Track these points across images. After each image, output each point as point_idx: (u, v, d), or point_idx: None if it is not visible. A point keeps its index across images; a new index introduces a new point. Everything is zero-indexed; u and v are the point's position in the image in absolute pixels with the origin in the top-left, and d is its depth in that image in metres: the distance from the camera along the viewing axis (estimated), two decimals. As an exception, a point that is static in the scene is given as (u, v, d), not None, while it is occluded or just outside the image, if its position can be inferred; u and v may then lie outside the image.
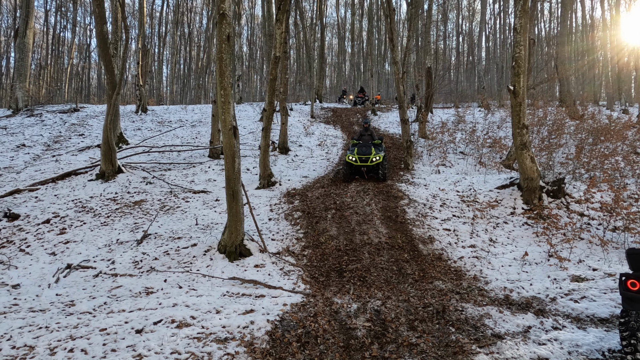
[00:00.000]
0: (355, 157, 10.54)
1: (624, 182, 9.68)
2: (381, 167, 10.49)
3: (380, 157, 10.51)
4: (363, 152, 10.55)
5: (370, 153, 10.53)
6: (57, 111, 19.57)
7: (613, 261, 6.39)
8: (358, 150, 10.65)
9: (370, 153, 10.52)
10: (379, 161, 10.49)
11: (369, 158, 10.49)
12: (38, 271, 6.61)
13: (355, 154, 10.59)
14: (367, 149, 10.63)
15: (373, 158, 10.46)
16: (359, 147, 10.77)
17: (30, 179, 11.25)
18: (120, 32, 14.14)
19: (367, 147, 10.69)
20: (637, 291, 3.55)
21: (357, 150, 10.66)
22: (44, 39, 36.70)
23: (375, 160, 10.45)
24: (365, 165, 10.46)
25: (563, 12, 23.54)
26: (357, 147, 10.81)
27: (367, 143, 10.99)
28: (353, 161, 10.56)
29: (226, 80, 6.33)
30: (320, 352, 4.06)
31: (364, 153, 10.54)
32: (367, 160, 10.49)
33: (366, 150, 10.59)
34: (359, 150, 10.62)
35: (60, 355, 3.91)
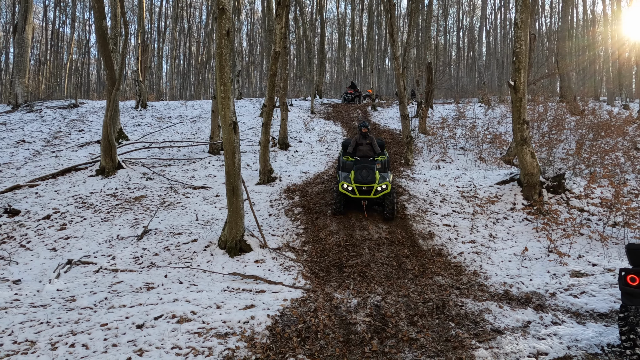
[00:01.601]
0: (353, 186, 7.81)
1: (624, 178, 9.67)
2: (388, 200, 7.78)
3: (388, 185, 7.79)
4: (364, 178, 7.86)
5: (373, 180, 7.82)
6: (57, 107, 19.53)
7: (613, 256, 6.40)
8: (357, 174, 7.92)
9: (374, 180, 7.82)
10: (386, 191, 7.77)
11: (372, 188, 7.81)
12: (39, 267, 6.62)
13: (352, 182, 7.88)
14: (370, 173, 7.90)
15: (378, 187, 7.77)
16: (358, 169, 8.02)
17: (31, 175, 11.25)
18: (120, 27, 14.09)
19: (369, 170, 7.95)
20: (636, 286, 3.56)
21: (356, 175, 7.92)
22: (43, 35, 36.58)
23: (381, 190, 7.78)
24: (367, 197, 7.88)
25: (564, 7, 23.44)
26: (355, 169, 8.04)
27: (367, 161, 8.34)
28: (349, 192, 7.84)
29: (226, 75, 6.31)
30: (320, 347, 4.08)
31: (366, 180, 7.85)
32: (370, 191, 7.81)
33: (368, 176, 7.88)
34: (358, 176, 7.90)
35: (61, 350, 3.93)
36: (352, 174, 7.98)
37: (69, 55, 35.62)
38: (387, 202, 7.77)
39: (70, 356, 3.83)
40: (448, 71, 33.10)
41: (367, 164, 8.09)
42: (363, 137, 8.83)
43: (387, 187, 7.80)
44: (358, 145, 8.84)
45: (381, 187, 7.79)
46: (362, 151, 8.74)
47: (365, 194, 7.82)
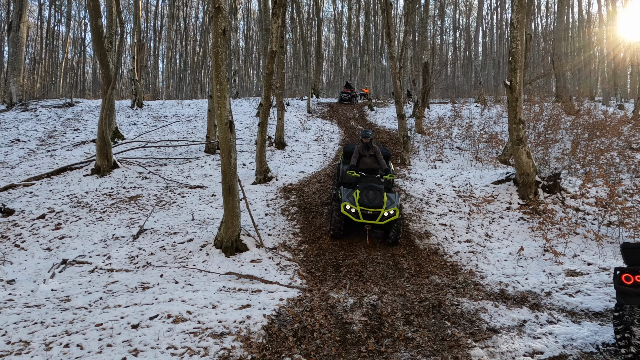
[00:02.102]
0: (357, 209, 6.79)
1: (619, 177, 9.73)
2: (394, 227, 6.92)
3: (397, 210, 6.85)
4: (370, 201, 6.82)
5: (381, 204, 6.82)
6: (52, 106, 19.42)
7: (608, 256, 6.43)
8: (362, 196, 6.88)
9: (381, 204, 6.82)
10: (394, 217, 6.84)
11: (378, 213, 6.80)
12: (33, 266, 6.58)
13: (356, 204, 6.84)
14: (377, 196, 6.88)
15: (385, 213, 6.77)
16: (364, 189, 6.95)
17: (25, 174, 11.18)
18: (115, 26, 14.02)
19: (377, 192, 6.92)
20: (631, 285, 3.58)
21: (361, 196, 6.89)
22: (38, 33, 36.34)
23: (388, 216, 6.80)
24: (371, 223, 6.88)
25: (560, 7, 23.56)
26: (361, 189, 6.98)
27: (374, 179, 7.21)
28: (353, 214, 6.83)
29: (222, 74, 6.29)
30: (316, 347, 4.07)
31: (372, 203, 6.82)
32: (376, 216, 6.81)
33: (375, 199, 6.85)
34: (363, 198, 6.87)
35: (55, 350, 3.90)
36: (356, 194, 6.92)
37: (64, 54, 35.42)
38: (392, 228, 6.90)
39: (65, 356, 3.81)
40: (444, 71, 33.18)
41: (374, 184, 6.99)
42: (366, 148, 7.71)
43: (395, 214, 6.80)
44: (361, 157, 7.70)
45: (388, 213, 6.76)
46: (366, 164, 7.62)
47: (370, 218, 6.79)
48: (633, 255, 3.74)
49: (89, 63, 42.11)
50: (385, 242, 7.11)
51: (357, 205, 6.79)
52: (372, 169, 7.60)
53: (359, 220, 6.78)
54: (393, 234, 6.92)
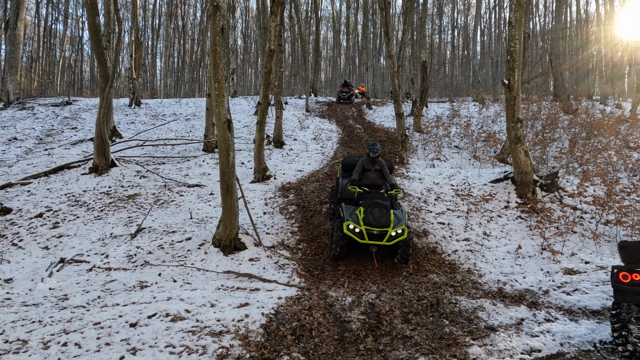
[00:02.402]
0: (362, 229, 6.15)
1: (616, 176, 9.76)
2: (404, 246, 6.30)
3: (405, 229, 6.21)
4: (376, 220, 6.21)
5: (387, 223, 6.20)
6: (49, 104, 19.36)
7: (605, 254, 6.45)
8: (367, 214, 6.26)
9: (388, 222, 6.20)
10: (402, 237, 6.18)
11: (385, 233, 6.16)
12: (31, 265, 6.56)
13: (361, 223, 6.21)
14: (383, 214, 6.26)
15: (392, 232, 6.14)
16: (369, 206, 6.35)
17: (23, 173, 11.15)
18: (113, 24, 13.97)
19: (383, 210, 6.30)
20: (628, 283, 3.59)
21: (366, 214, 6.26)
22: (35, 31, 36.21)
23: (395, 236, 6.16)
24: (378, 244, 6.23)
25: (558, 6, 23.60)
26: (365, 207, 6.37)
27: (379, 195, 6.64)
28: (357, 235, 6.16)
29: (220, 73, 6.28)
30: (315, 345, 4.07)
31: (378, 222, 6.19)
32: (383, 236, 6.17)
33: (381, 217, 6.23)
34: (368, 216, 6.25)
35: (53, 349, 3.89)
36: (360, 211, 6.28)
37: (62, 52, 35.29)
38: (401, 247, 6.31)
39: (63, 355, 3.80)
40: (443, 70, 33.19)
41: (379, 201, 6.38)
42: (371, 162, 7.07)
43: (404, 233, 6.15)
44: (365, 171, 7.05)
45: (396, 233, 6.11)
46: (370, 179, 7.01)
47: (376, 239, 6.14)
48: (630, 253, 3.76)
49: (87, 61, 42.03)
50: (394, 261, 6.50)
51: (362, 225, 6.14)
52: (377, 185, 6.96)
53: (364, 241, 6.16)
54: (402, 253, 6.33)
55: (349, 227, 6.18)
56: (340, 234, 6.29)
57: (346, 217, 6.28)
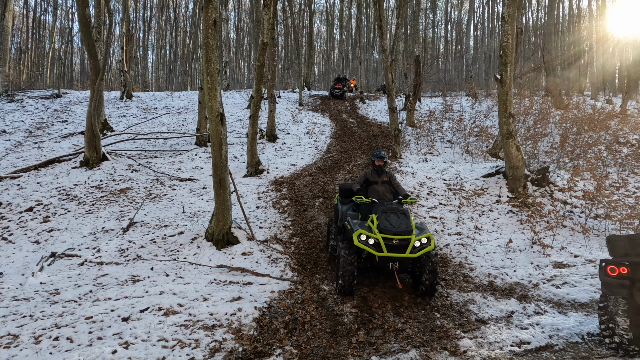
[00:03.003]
0: (378, 238, 4.91)
1: (606, 171, 9.87)
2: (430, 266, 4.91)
3: (430, 238, 5.02)
4: (395, 226, 4.98)
5: (409, 229, 5.00)
6: (39, 97, 19.09)
7: (594, 248, 6.55)
8: (382, 220, 5.04)
9: (410, 229, 5.01)
10: (428, 248, 4.94)
11: (407, 242, 4.93)
12: (21, 260, 6.51)
13: (375, 231, 4.98)
14: (402, 220, 5.08)
15: (416, 241, 4.93)
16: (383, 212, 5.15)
17: (12, 166, 11.01)
18: (104, 15, 13.77)
19: (401, 216, 5.14)
20: (616, 277, 3.65)
21: (380, 219, 5.05)
22: (24, 22, 35.60)
23: (420, 246, 4.93)
24: (399, 257, 4.90)
25: (550, 2, 23.69)
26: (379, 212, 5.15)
27: (392, 203, 5.42)
28: (372, 246, 4.92)
29: (213, 66, 6.23)
30: (307, 338, 4.10)
31: (398, 228, 4.97)
32: (405, 247, 4.91)
33: (400, 223, 5.04)
34: (384, 222, 5.02)
35: (45, 343, 3.88)
36: (373, 218, 5.09)
37: (52, 43, 34.76)
38: (426, 267, 4.90)
39: (55, 350, 3.79)
40: (436, 64, 33.22)
41: (395, 206, 5.27)
42: (377, 173, 5.97)
43: (430, 242, 4.96)
44: (371, 184, 5.94)
45: (420, 243, 4.91)
46: (377, 193, 5.84)
47: (396, 251, 4.86)
48: (618, 247, 3.82)
49: (77, 53, 41.46)
50: (417, 291, 5.10)
51: (377, 233, 4.90)
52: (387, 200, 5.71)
53: (382, 254, 4.82)
54: (428, 277, 4.87)
55: (361, 237, 4.90)
56: (348, 253, 4.89)
57: (356, 228, 5.06)
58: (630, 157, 10.76)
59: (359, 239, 4.94)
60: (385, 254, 4.85)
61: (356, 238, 4.94)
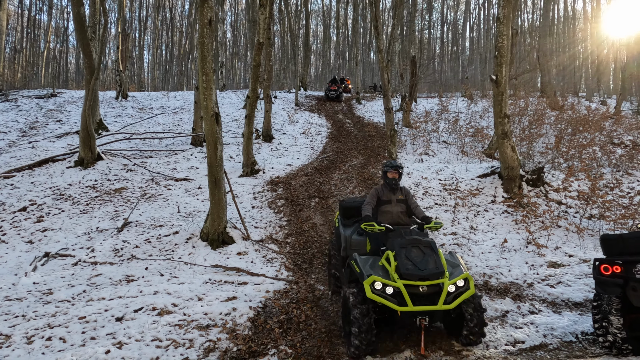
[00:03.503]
0: (399, 286, 3.66)
1: (600, 172, 9.93)
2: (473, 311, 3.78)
3: (469, 279, 3.81)
4: (419, 267, 3.76)
5: (440, 269, 3.78)
6: (34, 96, 18.97)
7: (588, 248, 6.57)
8: (401, 259, 3.81)
9: (442, 268, 3.79)
10: (469, 293, 3.76)
11: (439, 288, 3.74)
12: (14, 259, 6.46)
13: (394, 276, 3.73)
14: (428, 255, 3.88)
15: (451, 285, 3.72)
16: (401, 248, 3.91)
17: (6, 166, 10.93)
18: (99, 15, 13.71)
19: (426, 250, 3.93)
20: (609, 276, 3.67)
21: (400, 259, 3.81)
22: (18, 21, 35.39)
23: (455, 292, 3.74)
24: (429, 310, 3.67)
25: (546, 4, 23.82)
26: (396, 248, 3.92)
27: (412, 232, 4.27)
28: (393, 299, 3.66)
29: (208, 65, 6.22)
30: (302, 338, 4.09)
31: (425, 271, 3.73)
32: (437, 296, 3.69)
33: (427, 261, 3.83)
34: (405, 263, 3.79)
35: (37, 343, 3.85)
36: (390, 257, 3.86)
37: (46, 43, 34.55)
38: (468, 312, 3.76)
39: (47, 350, 3.76)
40: (432, 65, 33.31)
41: (417, 237, 4.02)
42: (390, 189, 4.71)
43: (468, 285, 3.76)
44: (382, 204, 4.67)
45: (455, 287, 3.71)
46: (390, 215, 4.59)
47: (426, 302, 3.66)
48: (612, 246, 3.84)
49: (72, 53, 41.19)
50: (459, 340, 3.91)
51: (398, 280, 3.66)
52: (402, 223, 4.54)
53: (406, 308, 3.59)
54: (472, 325, 3.74)
55: (375, 287, 3.65)
56: (359, 305, 3.65)
57: (366, 272, 3.80)
58: (624, 158, 10.82)
59: (373, 289, 3.64)
60: (410, 308, 3.58)
61: (369, 288, 3.64)
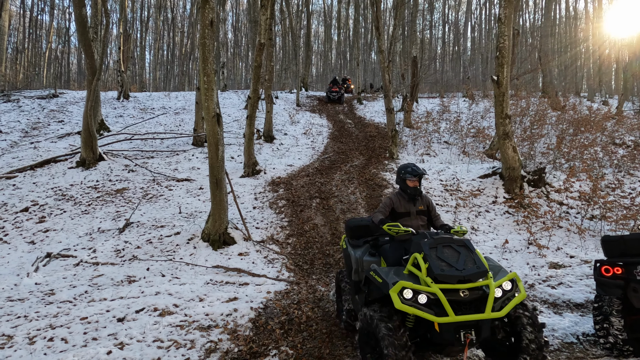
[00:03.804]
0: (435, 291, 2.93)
1: (602, 172, 9.91)
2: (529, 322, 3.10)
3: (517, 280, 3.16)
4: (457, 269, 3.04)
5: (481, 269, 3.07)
6: (35, 97, 19.01)
7: (590, 248, 6.57)
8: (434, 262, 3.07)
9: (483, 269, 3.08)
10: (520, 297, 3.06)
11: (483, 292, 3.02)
12: (16, 260, 6.48)
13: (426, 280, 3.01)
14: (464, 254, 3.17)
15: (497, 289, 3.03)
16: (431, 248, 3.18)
17: (8, 166, 10.96)
18: (101, 15, 13.74)
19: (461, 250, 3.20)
20: (610, 277, 3.67)
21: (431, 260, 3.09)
22: (20, 22, 35.47)
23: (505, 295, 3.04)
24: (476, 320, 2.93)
25: (547, 4, 23.78)
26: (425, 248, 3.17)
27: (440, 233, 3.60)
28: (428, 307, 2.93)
29: (209, 66, 6.23)
30: (303, 339, 4.10)
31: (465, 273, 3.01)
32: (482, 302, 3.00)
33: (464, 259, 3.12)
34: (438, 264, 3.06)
35: (39, 344, 3.86)
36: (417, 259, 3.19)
37: (48, 43, 34.62)
38: (519, 326, 3.13)
39: (49, 350, 3.78)
40: (433, 65, 33.28)
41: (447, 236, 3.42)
42: (410, 199, 4.02)
43: (518, 288, 3.15)
44: (400, 217, 3.96)
45: (502, 290, 3.07)
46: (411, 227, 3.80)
47: (470, 309, 3.00)
48: (613, 248, 3.84)
49: (74, 53, 41.26)
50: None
51: (431, 283, 2.99)
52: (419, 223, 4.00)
53: (447, 319, 2.89)
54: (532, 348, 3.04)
55: (405, 295, 2.95)
56: (394, 329, 2.93)
57: (391, 279, 3.11)
58: (626, 158, 10.80)
59: (402, 297, 2.93)
60: (452, 318, 2.85)
61: (397, 297, 2.92)
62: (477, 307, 3.01)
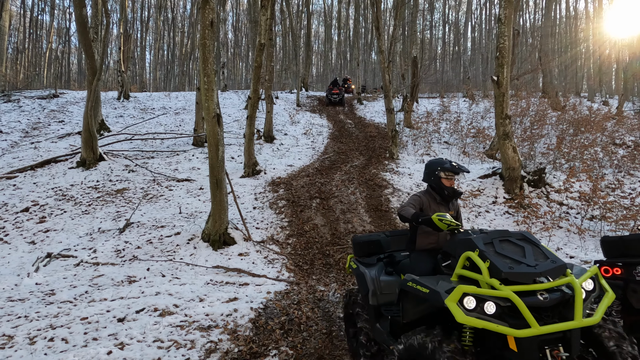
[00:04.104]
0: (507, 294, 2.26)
1: (602, 172, 9.92)
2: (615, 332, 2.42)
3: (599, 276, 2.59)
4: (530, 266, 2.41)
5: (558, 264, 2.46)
6: (36, 97, 19.02)
7: (590, 249, 6.57)
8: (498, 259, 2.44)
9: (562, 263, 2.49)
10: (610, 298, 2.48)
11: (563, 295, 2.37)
12: (17, 260, 6.49)
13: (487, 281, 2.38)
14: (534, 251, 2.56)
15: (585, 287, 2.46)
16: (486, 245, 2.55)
17: (8, 167, 10.97)
18: (101, 15, 13.74)
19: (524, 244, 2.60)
20: (610, 277, 3.67)
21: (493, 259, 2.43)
22: (21, 22, 35.49)
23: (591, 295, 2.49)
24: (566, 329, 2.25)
25: (547, 4, 23.78)
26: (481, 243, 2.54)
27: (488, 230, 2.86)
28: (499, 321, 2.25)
29: (209, 67, 6.24)
30: (303, 339, 4.10)
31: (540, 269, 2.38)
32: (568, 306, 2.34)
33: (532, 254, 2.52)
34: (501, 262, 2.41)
35: (40, 344, 3.87)
36: (473, 258, 2.51)
37: (49, 43, 34.66)
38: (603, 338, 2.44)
39: (50, 350, 3.78)
40: (433, 65, 33.28)
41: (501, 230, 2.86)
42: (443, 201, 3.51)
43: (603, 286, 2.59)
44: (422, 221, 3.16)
45: (585, 292, 2.43)
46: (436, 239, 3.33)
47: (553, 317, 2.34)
48: (612, 248, 3.84)
49: (74, 53, 41.27)
50: None
51: (502, 288, 2.33)
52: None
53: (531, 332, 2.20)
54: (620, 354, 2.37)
55: (467, 304, 2.33)
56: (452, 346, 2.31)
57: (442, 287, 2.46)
58: (626, 159, 10.81)
59: (465, 307, 2.32)
60: (536, 329, 2.21)
61: (458, 308, 2.29)
62: (561, 313, 2.36)
